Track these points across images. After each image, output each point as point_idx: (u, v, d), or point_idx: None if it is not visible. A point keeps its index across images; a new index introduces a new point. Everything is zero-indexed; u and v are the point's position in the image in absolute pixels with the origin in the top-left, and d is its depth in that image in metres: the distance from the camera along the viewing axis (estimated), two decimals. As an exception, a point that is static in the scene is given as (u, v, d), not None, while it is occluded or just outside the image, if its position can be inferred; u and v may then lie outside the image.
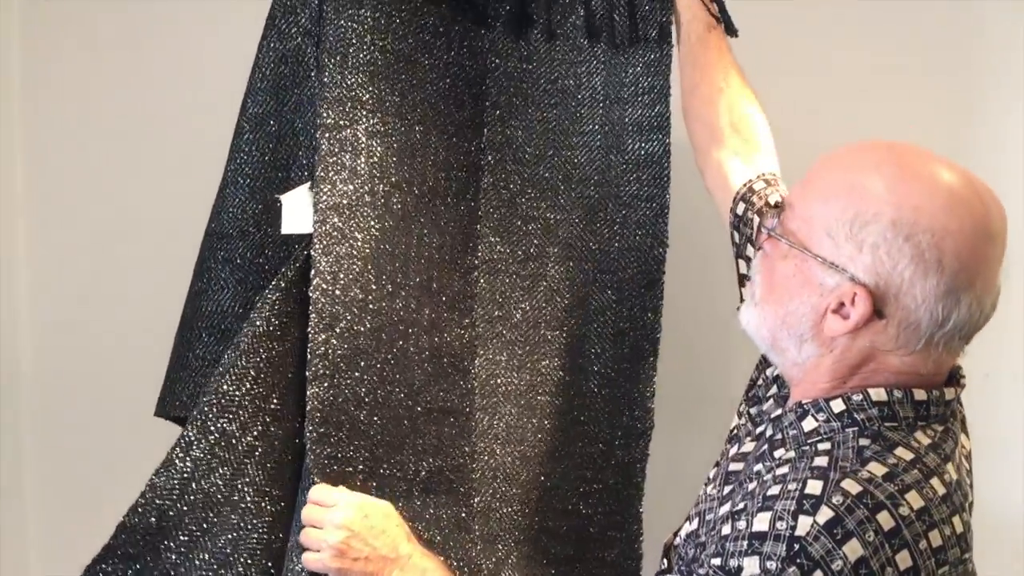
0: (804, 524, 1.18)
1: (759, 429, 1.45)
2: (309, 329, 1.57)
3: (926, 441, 1.27)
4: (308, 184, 1.65)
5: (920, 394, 1.28)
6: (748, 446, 1.45)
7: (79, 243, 2.35)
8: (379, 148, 1.65)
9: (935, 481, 1.24)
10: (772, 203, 1.52)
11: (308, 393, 1.56)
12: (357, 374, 1.60)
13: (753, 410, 1.53)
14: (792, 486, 1.23)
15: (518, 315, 1.80)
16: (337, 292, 1.59)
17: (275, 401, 1.62)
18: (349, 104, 1.62)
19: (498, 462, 1.78)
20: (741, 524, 1.24)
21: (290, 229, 1.67)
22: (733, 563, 1.20)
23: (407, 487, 1.65)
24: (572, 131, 1.83)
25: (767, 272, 1.36)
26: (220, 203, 1.79)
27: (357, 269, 1.61)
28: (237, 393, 1.60)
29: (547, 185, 1.83)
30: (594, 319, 1.84)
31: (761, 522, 1.21)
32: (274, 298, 1.63)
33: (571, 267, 1.83)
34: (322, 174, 1.60)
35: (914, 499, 1.21)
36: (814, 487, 1.21)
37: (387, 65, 1.67)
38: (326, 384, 1.57)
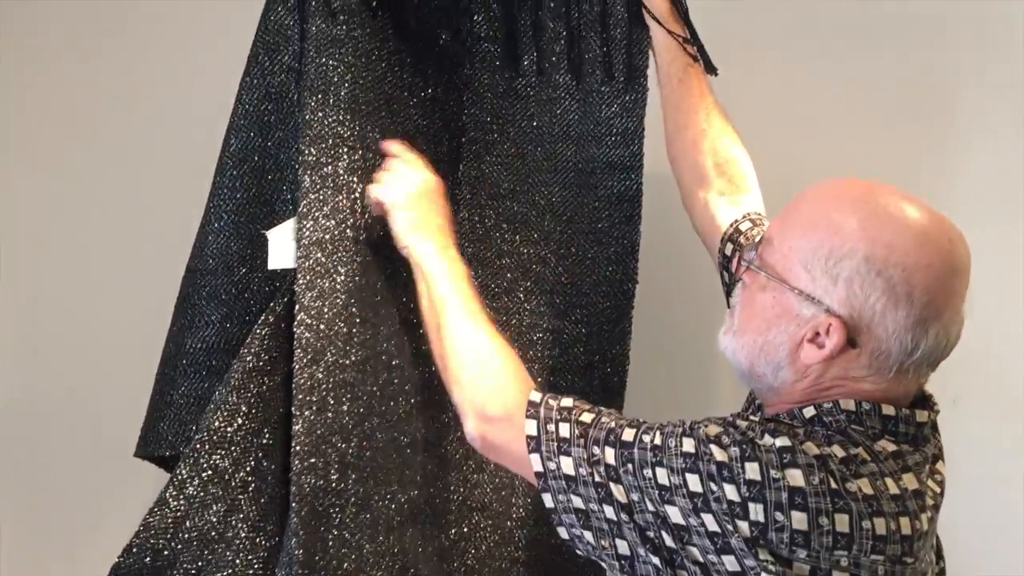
0: (767, 440, 1.27)
1: None
2: (294, 363, 1.57)
3: (890, 448, 1.33)
4: (293, 219, 1.66)
5: (888, 409, 1.35)
6: None
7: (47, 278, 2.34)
8: (360, 184, 1.67)
9: (889, 480, 1.29)
10: (758, 243, 1.59)
11: (293, 427, 1.55)
12: (344, 407, 1.60)
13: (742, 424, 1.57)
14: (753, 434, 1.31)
15: None
16: (322, 327, 1.59)
17: (267, 436, 1.62)
18: (331, 141, 1.64)
19: (471, 494, 1.80)
20: (696, 432, 1.33)
21: (276, 264, 1.67)
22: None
23: (399, 519, 1.66)
24: (547, 167, 1.87)
25: (746, 302, 1.43)
26: (203, 239, 1.78)
27: (341, 303, 1.62)
28: (229, 429, 1.60)
29: (521, 219, 1.87)
30: (565, 352, 1.87)
31: (716, 429, 1.32)
32: (263, 333, 1.63)
33: (543, 300, 1.87)
34: (305, 210, 1.61)
35: (864, 485, 1.27)
36: (781, 440, 1.28)
37: (367, 102, 1.69)
38: (312, 417, 1.57)
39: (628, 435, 1.35)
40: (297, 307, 1.59)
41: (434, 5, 1.77)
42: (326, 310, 1.61)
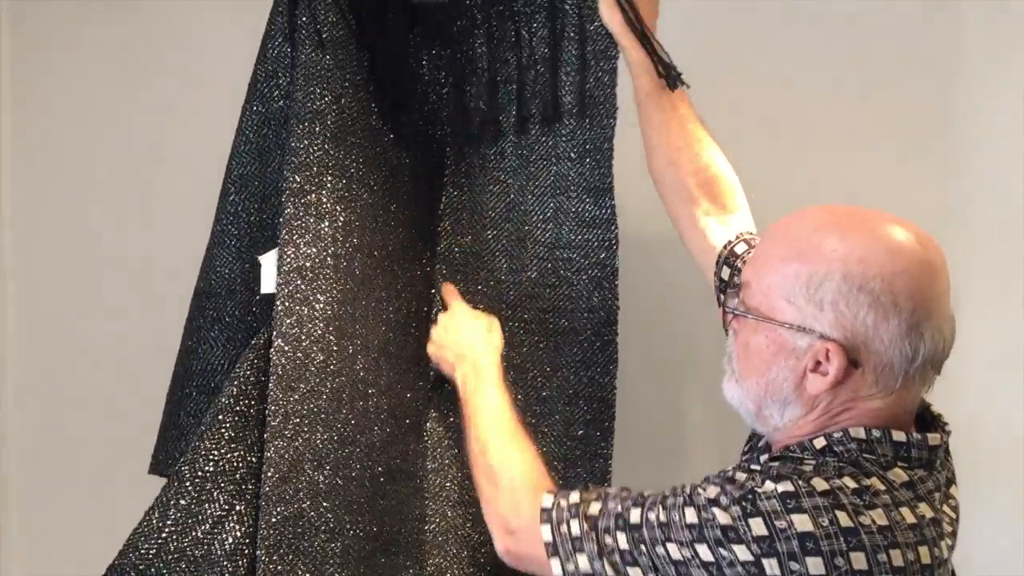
0: (768, 487, 1.27)
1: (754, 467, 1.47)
2: (269, 390, 1.58)
3: (903, 478, 1.32)
4: None
5: (899, 435, 1.34)
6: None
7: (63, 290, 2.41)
8: (343, 213, 1.67)
9: (904, 510, 1.28)
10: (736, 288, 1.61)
11: (265, 454, 1.56)
12: (318, 435, 1.60)
13: (746, 451, 1.58)
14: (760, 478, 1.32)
15: None
16: (299, 355, 1.60)
17: (253, 459, 1.62)
18: (315, 169, 1.65)
19: (449, 524, 1.79)
20: (702, 491, 1.33)
21: (268, 288, 1.68)
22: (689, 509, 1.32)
23: (370, 548, 1.65)
24: (527, 190, 1.85)
25: (742, 349, 1.43)
26: (208, 263, 1.82)
27: (319, 331, 1.62)
28: (215, 451, 1.61)
29: (501, 248, 1.86)
30: (548, 381, 1.85)
31: (712, 492, 1.31)
32: (252, 357, 1.64)
33: (523, 328, 1.85)
34: (286, 237, 1.62)
35: (879, 516, 1.26)
36: (785, 484, 1.28)
37: (353, 132, 1.70)
38: (284, 445, 1.57)
39: (635, 516, 1.35)
40: (275, 333, 1.60)
41: (417, 39, 1.78)
42: (303, 338, 1.61)
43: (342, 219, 1.67)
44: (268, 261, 1.69)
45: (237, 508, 1.62)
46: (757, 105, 2.18)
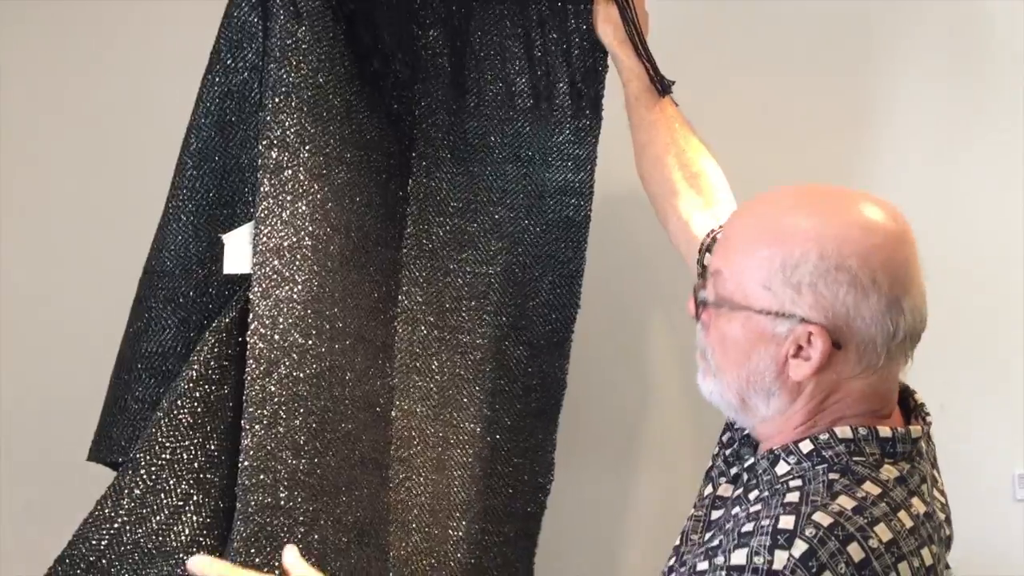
0: (780, 558, 1.21)
1: (733, 471, 1.47)
2: (246, 374, 1.52)
3: (893, 475, 1.30)
4: (251, 224, 1.60)
5: (885, 431, 1.32)
6: (724, 489, 1.47)
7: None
8: (319, 191, 1.61)
9: (902, 514, 1.26)
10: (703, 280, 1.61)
11: (243, 441, 1.50)
12: (297, 422, 1.54)
13: (728, 451, 1.54)
14: (765, 522, 1.26)
15: (434, 366, 1.81)
16: (276, 337, 1.54)
17: (212, 447, 1.56)
18: (292, 145, 1.59)
19: (412, 516, 1.76)
20: (718, 560, 1.26)
21: (232, 269, 1.62)
22: None
23: (346, 540, 1.60)
24: (495, 187, 1.84)
25: (716, 341, 1.38)
26: (161, 240, 1.73)
27: (297, 313, 1.57)
28: (171, 439, 1.55)
29: (467, 239, 1.84)
30: (506, 374, 1.84)
31: (738, 557, 1.23)
32: (213, 340, 1.58)
33: (486, 321, 1.83)
34: (263, 215, 1.55)
35: (883, 532, 1.23)
36: (786, 522, 1.24)
37: (328, 109, 1.64)
38: (262, 432, 1.51)
39: None
40: (251, 316, 1.53)
41: (392, 17, 1.73)
42: (281, 320, 1.55)
43: (319, 198, 1.61)
44: (233, 240, 1.62)
45: (195, 498, 1.55)
46: (752, 95, 2.21)
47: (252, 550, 1.51)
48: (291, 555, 1.44)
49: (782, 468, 1.34)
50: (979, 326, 2.00)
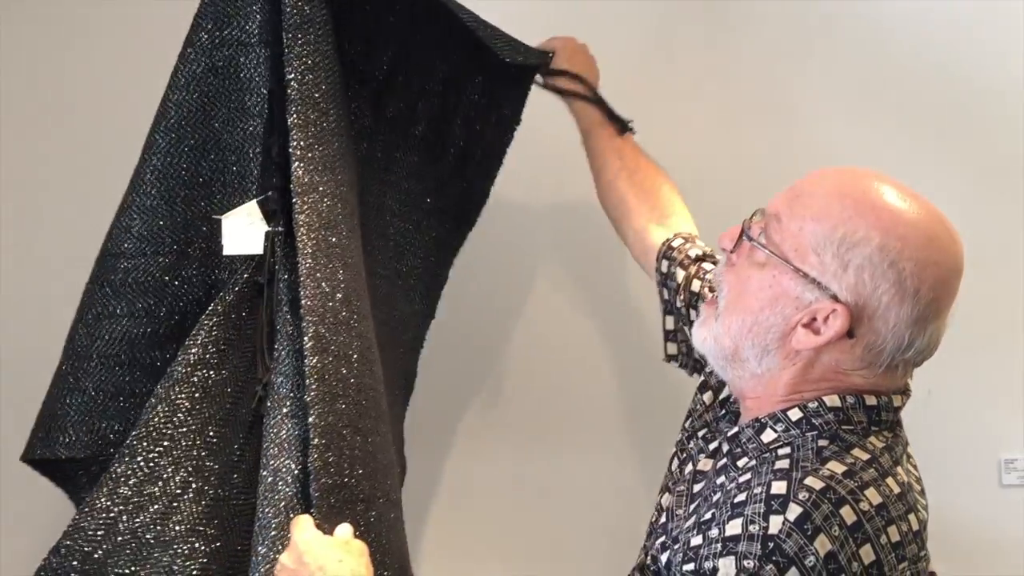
0: (776, 522, 1.22)
1: (712, 445, 1.47)
2: (306, 353, 1.45)
3: (880, 444, 1.33)
4: (252, 203, 1.57)
5: (871, 399, 1.34)
6: (704, 463, 1.47)
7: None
8: (342, 171, 1.59)
9: (890, 480, 1.29)
10: (693, 256, 1.69)
11: (310, 420, 1.44)
12: (351, 397, 1.50)
13: (701, 432, 1.55)
14: (757, 490, 1.27)
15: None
16: (328, 315, 1.49)
17: (211, 433, 1.52)
18: (324, 123, 1.55)
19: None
20: (713, 532, 1.26)
21: (234, 250, 1.57)
22: (708, 565, 1.23)
23: (393, 516, 1.58)
24: (398, 199, 1.85)
25: (737, 280, 1.38)
26: (127, 221, 1.64)
27: (344, 291, 1.53)
28: (169, 425, 1.50)
29: (375, 243, 1.82)
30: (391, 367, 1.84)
31: (733, 527, 1.24)
32: (211, 323, 1.53)
33: (384, 330, 1.82)
34: (310, 206, 1.51)
35: (872, 495, 1.26)
36: (779, 487, 1.26)
37: (341, 91, 1.61)
38: (326, 410, 1.45)
39: None
40: (303, 294, 1.48)
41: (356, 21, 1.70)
42: (330, 297, 1.51)
43: (344, 179, 1.58)
44: (232, 221, 1.57)
45: (194, 486, 1.51)
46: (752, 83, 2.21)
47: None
48: (346, 530, 1.41)
49: (768, 436, 1.36)
50: (966, 311, 2.03)
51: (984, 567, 2.09)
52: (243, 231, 1.57)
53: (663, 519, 1.47)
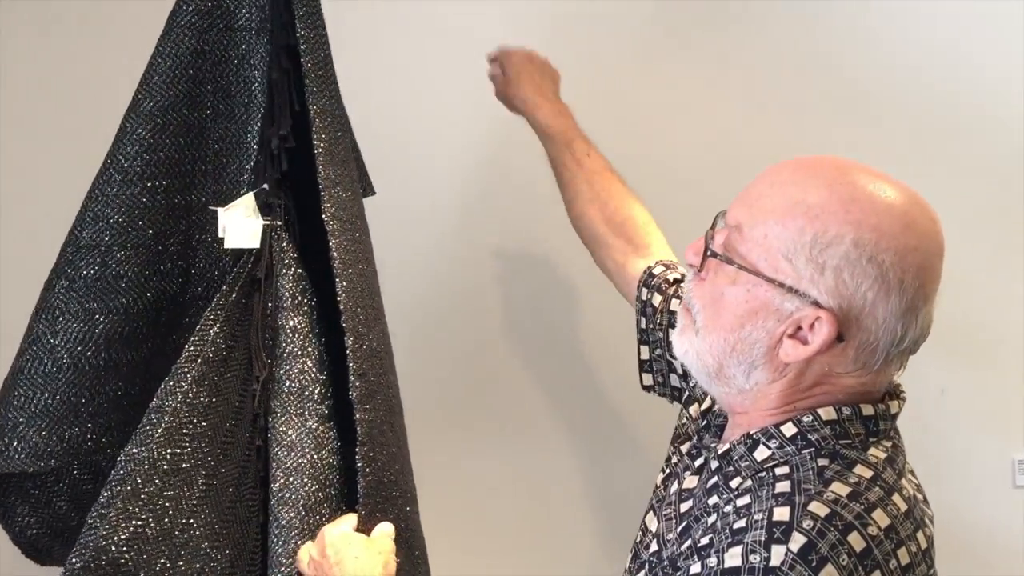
0: (778, 553, 1.13)
1: (698, 462, 1.40)
2: (348, 351, 1.48)
3: (881, 455, 1.25)
4: (250, 195, 1.53)
5: (868, 409, 1.26)
6: (690, 481, 1.39)
7: None
8: (351, 164, 1.62)
9: (896, 498, 1.21)
10: (671, 279, 1.63)
11: (356, 417, 1.47)
12: (383, 393, 1.53)
13: (684, 447, 1.47)
14: (758, 516, 1.18)
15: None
16: (360, 311, 1.51)
17: (225, 433, 1.50)
18: (340, 116, 1.59)
19: None
20: (712, 561, 1.18)
21: (234, 244, 1.53)
22: None
23: (417, 510, 1.63)
24: None
25: (710, 298, 1.28)
26: (103, 211, 1.53)
27: (370, 286, 1.57)
28: (188, 426, 1.45)
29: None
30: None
31: (733, 557, 1.15)
32: (218, 320, 1.50)
33: None
34: (342, 216, 1.53)
35: (880, 517, 1.18)
36: (781, 513, 1.17)
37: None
38: (368, 407, 1.48)
39: None
40: (339, 289, 1.50)
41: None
42: (365, 295, 1.54)
43: (351, 171, 1.60)
44: (231, 215, 1.52)
45: (215, 486, 1.48)
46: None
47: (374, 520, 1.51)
48: (388, 528, 1.49)
49: (762, 453, 1.27)
50: (979, 311, 1.99)
51: (998, 568, 2.08)
52: (241, 224, 1.52)
53: (653, 546, 1.39)
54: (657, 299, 1.62)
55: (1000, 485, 2.13)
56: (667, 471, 1.47)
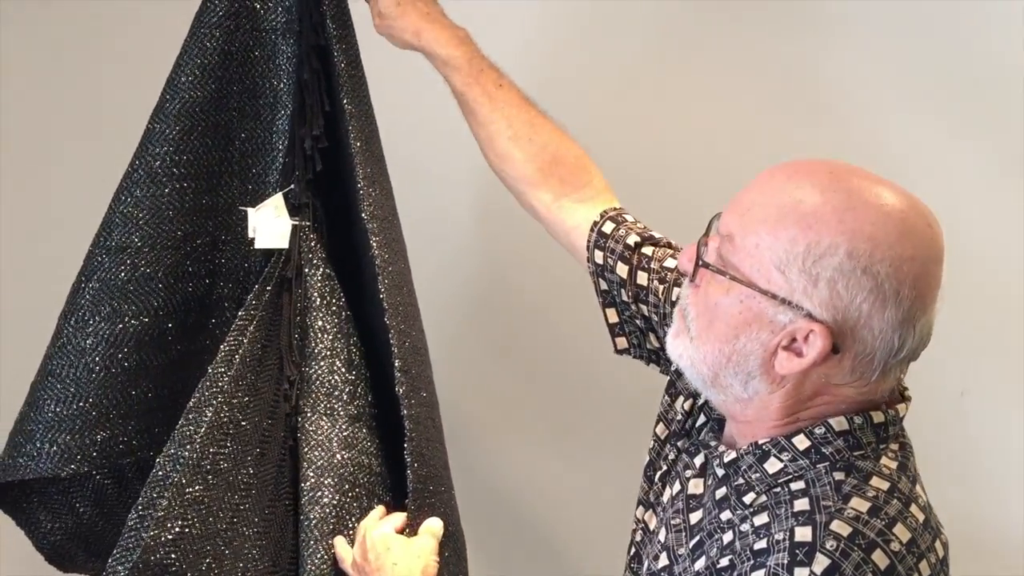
0: None
1: (698, 460, 1.37)
2: (393, 348, 1.51)
3: (893, 464, 1.23)
4: (279, 196, 1.55)
5: (878, 416, 1.24)
6: (695, 486, 1.36)
7: None
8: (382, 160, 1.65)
9: (914, 509, 1.20)
10: (632, 244, 1.52)
11: (403, 412, 1.50)
12: (425, 388, 1.58)
13: (681, 443, 1.44)
14: (779, 536, 1.16)
15: None
16: (401, 308, 1.54)
17: (265, 431, 1.52)
18: (372, 114, 1.60)
19: None
20: None
21: (264, 244, 1.54)
22: None
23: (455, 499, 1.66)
24: None
25: (704, 307, 1.26)
26: (132, 212, 1.53)
27: (407, 283, 1.60)
28: (230, 426, 1.47)
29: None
30: None
31: None
32: (255, 317, 1.51)
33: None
34: (372, 183, 1.56)
35: (901, 532, 1.16)
36: (803, 534, 1.15)
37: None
38: (414, 402, 1.52)
39: None
40: (381, 288, 1.52)
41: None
42: (407, 296, 1.59)
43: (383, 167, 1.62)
44: (262, 216, 1.53)
45: (255, 488, 1.50)
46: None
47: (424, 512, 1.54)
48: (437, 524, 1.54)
49: (773, 465, 1.24)
50: (1000, 311, 1.95)
51: (1017, 569, 2.07)
52: (270, 225, 1.53)
53: (663, 559, 1.35)
54: (622, 268, 1.53)
55: (1020, 486, 2.10)
56: (663, 468, 1.44)
